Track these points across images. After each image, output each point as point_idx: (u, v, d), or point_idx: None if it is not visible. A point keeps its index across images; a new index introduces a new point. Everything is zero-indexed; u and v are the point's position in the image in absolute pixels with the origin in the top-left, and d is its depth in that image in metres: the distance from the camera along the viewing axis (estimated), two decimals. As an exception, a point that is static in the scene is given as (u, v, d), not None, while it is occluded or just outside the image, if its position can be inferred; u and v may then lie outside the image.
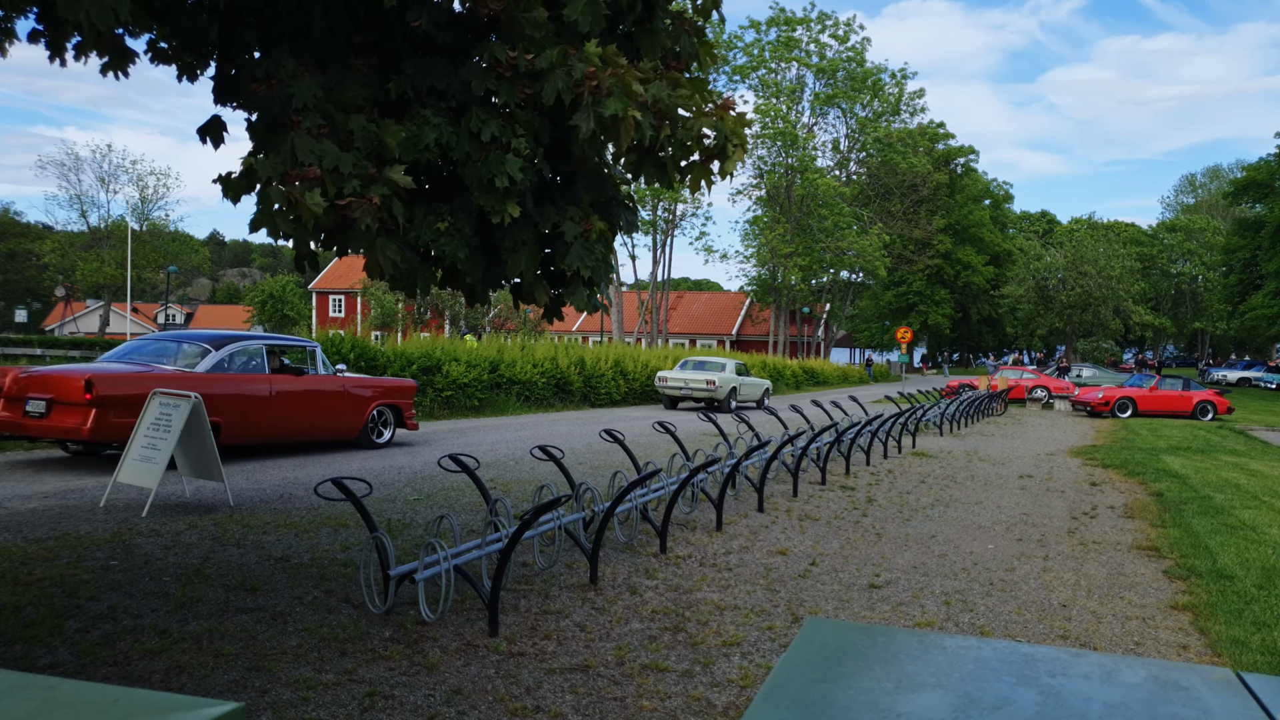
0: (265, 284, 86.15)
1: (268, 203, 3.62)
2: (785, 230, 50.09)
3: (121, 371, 10.22)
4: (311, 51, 4.04)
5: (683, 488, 7.39)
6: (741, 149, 4.09)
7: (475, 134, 3.94)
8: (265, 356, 11.31)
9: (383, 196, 3.76)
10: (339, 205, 3.68)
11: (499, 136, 3.95)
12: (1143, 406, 25.99)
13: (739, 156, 4.09)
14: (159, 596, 5.47)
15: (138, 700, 1.32)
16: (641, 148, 4.07)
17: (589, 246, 4.45)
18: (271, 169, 3.61)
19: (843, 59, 53.19)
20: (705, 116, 4.03)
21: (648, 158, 4.15)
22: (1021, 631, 5.48)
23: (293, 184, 3.58)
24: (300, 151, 3.63)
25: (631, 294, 61.96)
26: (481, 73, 3.92)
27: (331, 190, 3.64)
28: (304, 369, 12.09)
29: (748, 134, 4.52)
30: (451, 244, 4.12)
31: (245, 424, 10.82)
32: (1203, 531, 8.57)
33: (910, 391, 24.11)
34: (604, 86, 3.69)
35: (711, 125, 4.02)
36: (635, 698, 4.23)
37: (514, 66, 3.87)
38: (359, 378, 13.01)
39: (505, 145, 3.98)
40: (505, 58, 3.88)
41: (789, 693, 1.49)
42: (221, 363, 10.79)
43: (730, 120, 4.05)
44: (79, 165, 69.20)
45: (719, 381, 22.68)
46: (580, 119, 3.75)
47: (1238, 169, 65.50)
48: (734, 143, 4.06)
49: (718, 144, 4.07)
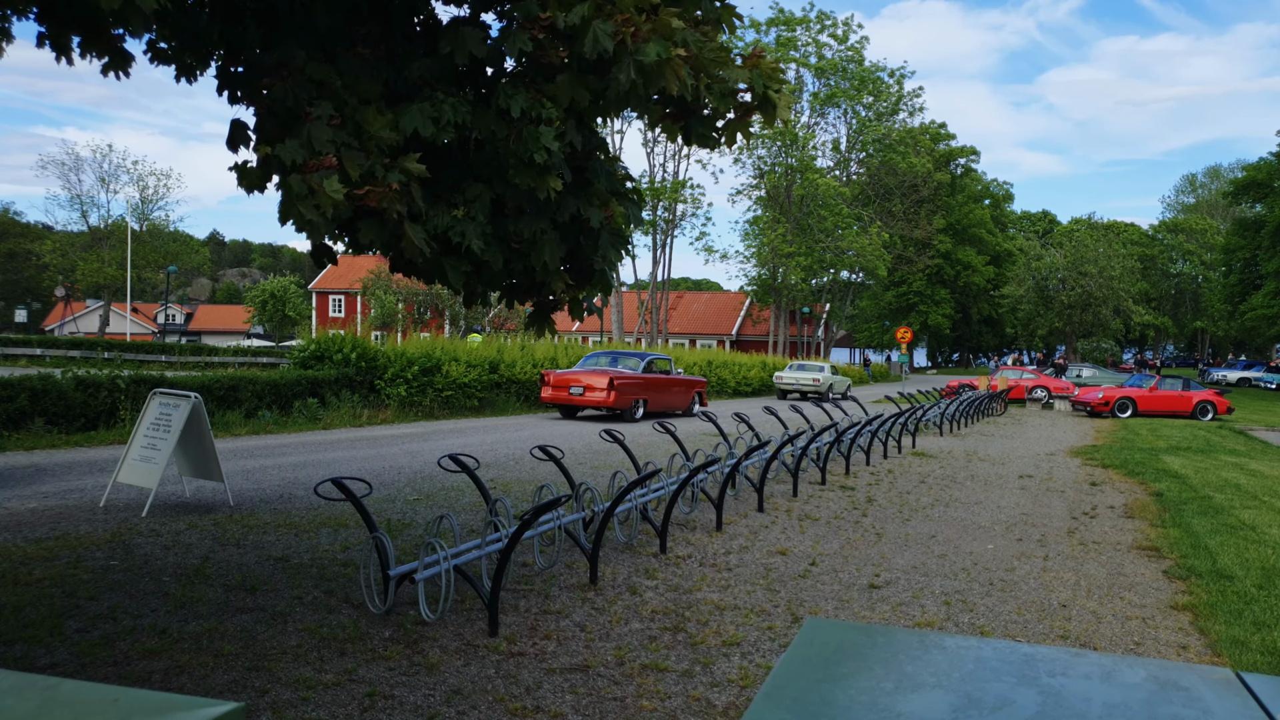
0: (265, 284, 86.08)
1: (290, 194, 3.60)
2: (785, 230, 50.09)
3: (614, 370, 19.50)
4: (317, 44, 4.04)
5: (683, 488, 7.39)
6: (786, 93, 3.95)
7: (504, 110, 3.88)
8: (661, 366, 20.95)
9: (401, 183, 3.74)
10: (357, 194, 3.66)
11: (528, 110, 3.90)
12: (1143, 406, 25.99)
13: (787, 100, 3.94)
14: (159, 596, 5.47)
15: (138, 700, 1.32)
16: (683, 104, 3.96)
17: (617, 233, 4.41)
18: (292, 155, 3.59)
19: (842, 59, 53.18)
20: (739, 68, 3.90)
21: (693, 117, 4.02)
22: (1021, 631, 5.48)
23: (311, 174, 3.57)
24: (316, 140, 3.62)
25: (631, 294, 61.94)
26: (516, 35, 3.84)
27: (354, 174, 3.62)
28: (669, 371, 21.32)
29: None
30: (470, 230, 4.08)
31: (655, 400, 20.21)
32: (1203, 531, 8.57)
33: (910, 391, 24.12)
34: (642, 32, 3.58)
35: (746, 77, 3.89)
36: (635, 698, 4.23)
37: (551, 25, 3.78)
38: (688, 377, 22.24)
39: (535, 119, 3.91)
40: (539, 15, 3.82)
41: (789, 693, 1.49)
42: (646, 368, 20.20)
43: (766, 65, 3.92)
44: (79, 165, 69.39)
45: (821, 379, 30.98)
46: (619, 69, 3.62)
47: (1238, 169, 65.50)
48: (774, 88, 3.91)
49: (757, 95, 3.93)
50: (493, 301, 5.32)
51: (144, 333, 67.05)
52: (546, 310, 5.02)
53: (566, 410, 19.57)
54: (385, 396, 18.51)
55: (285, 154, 3.60)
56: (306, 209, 3.56)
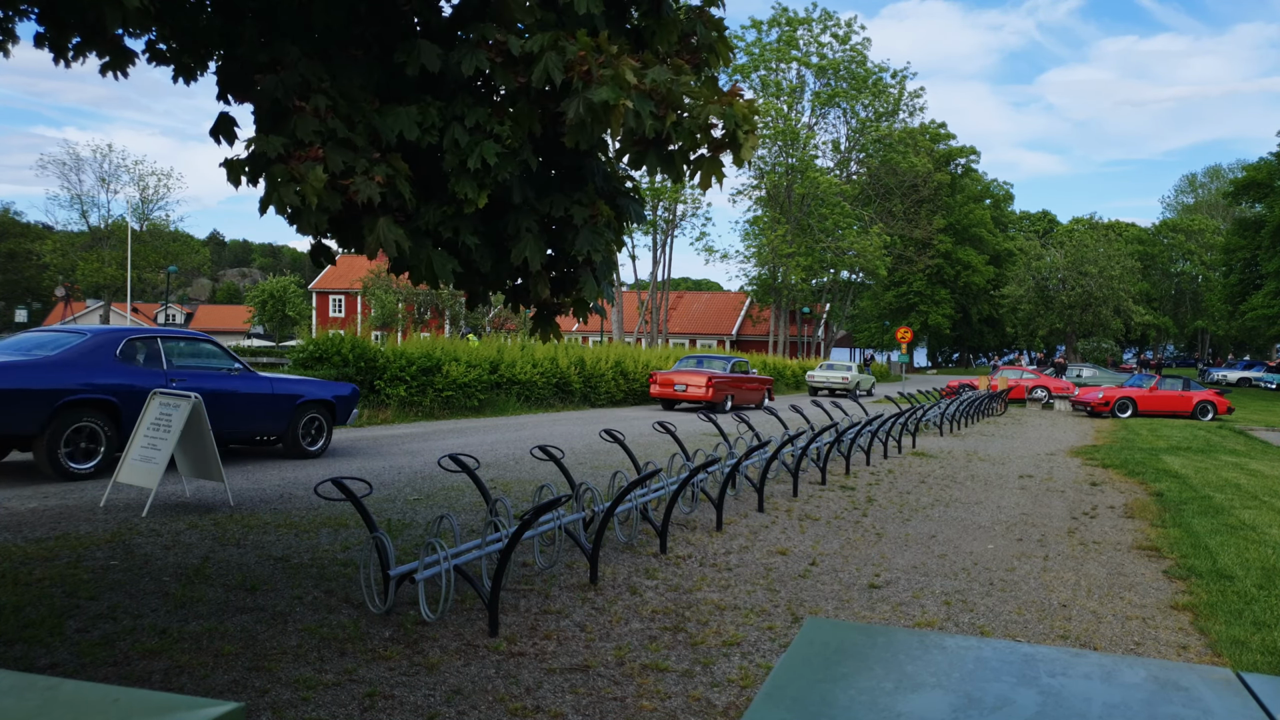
0: (265, 284, 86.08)
1: (273, 183, 3.62)
2: (786, 230, 50.09)
3: (710, 371, 23.48)
4: (314, 45, 4.05)
5: (683, 488, 7.39)
6: (754, 135, 3.93)
7: (460, 118, 3.92)
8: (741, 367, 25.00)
9: (386, 176, 3.76)
10: (343, 184, 3.67)
11: (483, 124, 3.93)
12: (1143, 406, 25.98)
13: (753, 143, 3.93)
14: (159, 596, 5.47)
15: (138, 700, 1.32)
16: (644, 140, 3.98)
17: (598, 230, 4.42)
18: (274, 147, 3.61)
19: (843, 59, 53.17)
20: (713, 104, 3.87)
21: (650, 150, 4.02)
22: (1021, 631, 5.48)
23: (296, 164, 3.58)
24: (301, 131, 3.64)
25: (631, 294, 61.94)
26: (472, 52, 3.87)
27: (336, 166, 3.63)
28: (747, 372, 25.20)
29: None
30: (462, 226, 4.10)
31: (738, 396, 24.00)
32: (1203, 531, 8.57)
33: (910, 392, 24.15)
34: (595, 73, 3.62)
35: (719, 113, 3.86)
36: (635, 698, 4.23)
37: (505, 50, 3.83)
38: (760, 376, 26.06)
39: (489, 133, 3.94)
40: (494, 37, 3.85)
41: (789, 693, 1.49)
42: (732, 369, 24.29)
43: (740, 106, 3.90)
44: (80, 165, 69.39)
45: (849, 377, 34.46)
46: (569, 105, 3.67)
47: (1238, 169, 65.50)
48: (745, 129, 3.89)
49: (728, 133, 3.91)
50: (494, 302, 5.32)
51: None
52: (549, 314, 5.01)
53: (668, 403, 23.84)
54: (385, 396, 18.51)
55: (270, 146, 3.62)
56: (288, 195, 3.57)
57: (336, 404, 12.10)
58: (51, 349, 9.66)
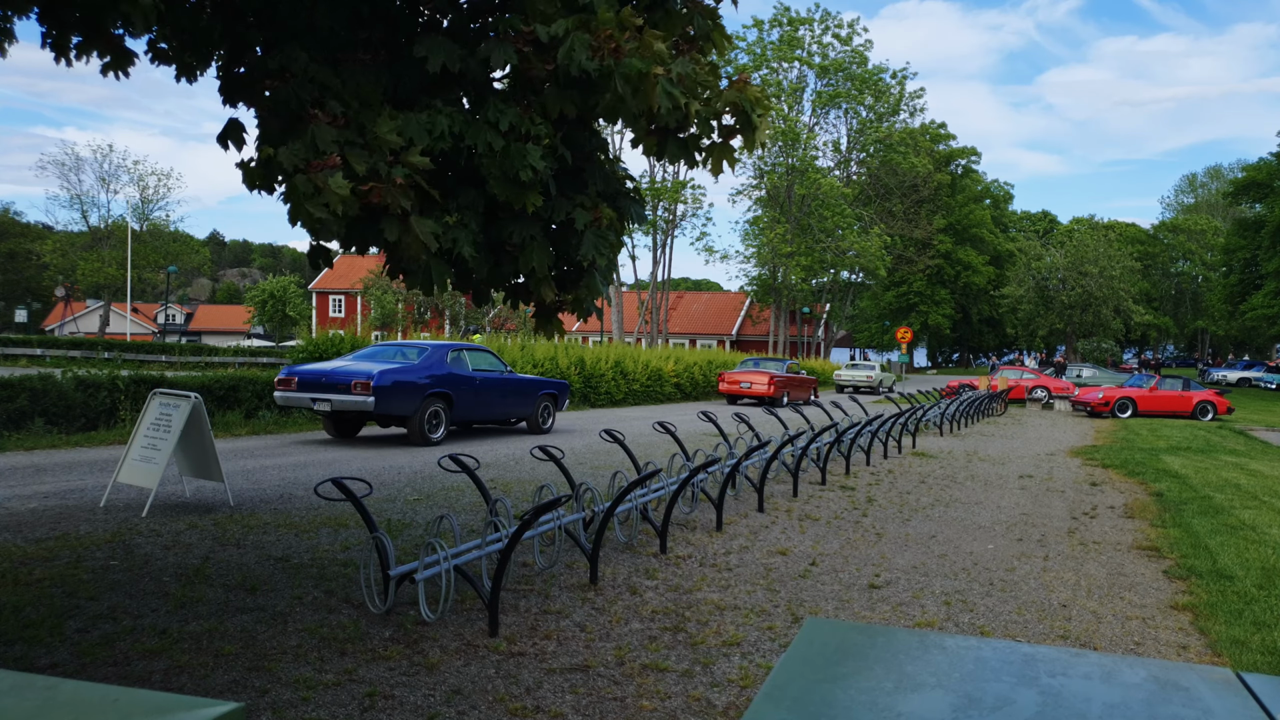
0: (265, 284, 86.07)
1: (296, 194, 3.61)
2: (785, 230, 50.08)
3: (770, 371, 27.09)
4: (319, 48, 4.04)
5: (683, 488, 7.39)
6: (766, 118, 4.05)
7: (494, 124, 3.92)
8: (794, 369, 28.84)
9: (405, 177, 3.76)
10: (363, 190, 3.67)
11: (517, 125, 3.93)
12: (1143, 407, 25.98)
13: (764, 125, 4.04)
14: (159, 596, 5.47)
15: (138, 700, 1.32)
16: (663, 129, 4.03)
17: (601, 234, 4.43)
18: (293, 158, 3.61)
19: (846, 60, 53.14)
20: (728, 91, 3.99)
21: (670, 137, 4.10)
22: (1021, 631, 5.48)
23: (316, 173, 3.58)
24: (321, 141, 3.63)
25: (631, 294, 61.92)
26: (500, 46, 3.88)
27: (360, 169, 3.63)
28: (799, 372, 29.09)
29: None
30: (460, 237, 4.10)
31: (793, 393, 27.58)
32: (1203, 531, 8.57)
33: (910, 392, 24.15)
34: (623, 49, 3.65)
35: (735, 98, 3.98)
36: (635, 698, 4.23)
37: (533, 39, 3.83)
38: (809, 376, 29.80)
39: (524, 135, 3.95)
40: (521, 29, 3.86)
41: (789, 693, 1.49)
42: (788, 370, 28.29)
43: (752, 91, 4.01)
44: (80, 165, 69.50)
45: (874, 375, 37.63)
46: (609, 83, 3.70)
47: (1238, 169, 65.51)
48: (759, 112, 4.00)
49: (740, 119, 4.02)
50: (494, 301, 5.32)
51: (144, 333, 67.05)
52: (549, 312, 5.01)
53: (732, 398, 27.46)
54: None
55: (288, 157, 3.61)
56: (315, 208, 3.57)
57: (559, 393, 16.53)
58: (414, 357, 13.80)
